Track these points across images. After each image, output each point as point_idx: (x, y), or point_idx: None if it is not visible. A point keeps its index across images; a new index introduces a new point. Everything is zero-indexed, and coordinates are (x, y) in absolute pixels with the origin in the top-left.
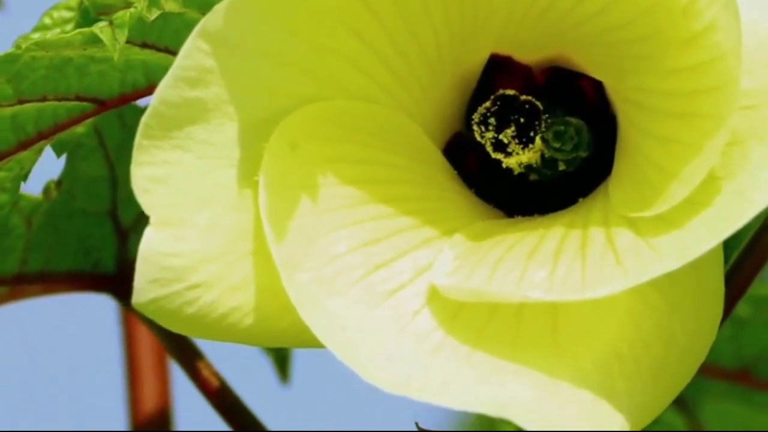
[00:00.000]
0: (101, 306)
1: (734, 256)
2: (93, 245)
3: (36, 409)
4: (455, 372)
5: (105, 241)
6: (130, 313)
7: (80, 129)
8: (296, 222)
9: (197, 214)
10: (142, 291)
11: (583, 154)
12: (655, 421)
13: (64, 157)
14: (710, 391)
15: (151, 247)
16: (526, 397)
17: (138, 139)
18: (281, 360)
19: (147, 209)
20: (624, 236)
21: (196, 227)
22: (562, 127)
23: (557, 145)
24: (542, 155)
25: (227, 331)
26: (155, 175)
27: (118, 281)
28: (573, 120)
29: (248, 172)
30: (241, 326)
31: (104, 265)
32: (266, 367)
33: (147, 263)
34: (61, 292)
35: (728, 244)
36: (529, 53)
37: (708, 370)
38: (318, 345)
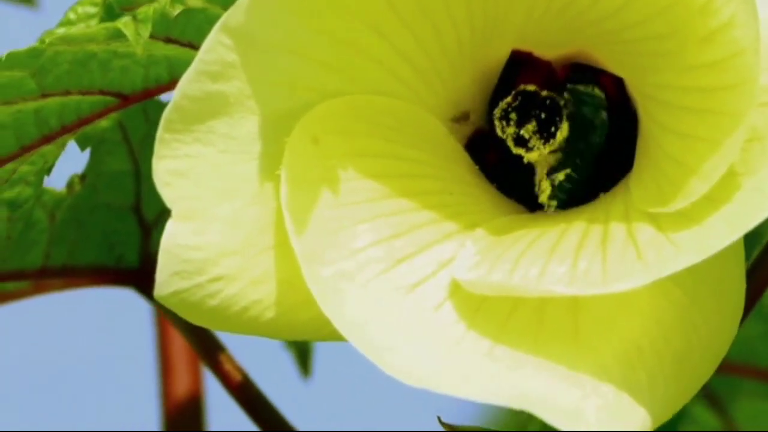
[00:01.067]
0: (135, 301)
1: (756, 251)
2: (117, 240)
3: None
4: (476, 365)
5: (129, 235)
6: (162, 311)
7: (104, 123)
8: (317, 215)
9: (219, 208)
10: (164, 283)
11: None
12: (690, 420)
13: (87, 151)
14: (744, 390)
15: (172, 239)
16: (547, 390)
17: (160, 132)
18: (303, 355)
19: (169, 202)
20: (645, 231)
21: (217, 220)
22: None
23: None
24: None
25: (249, 324)
26: (177, 168)
27: (141, 276)
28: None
29: (270, 166)
30: (262, 319)
31: (128, 259)
32: (288, 361)
33: (169, 256)
34: (84, 287)
35: (749, 240)
36: (549, 49)
37: (742, 369)
38: (339, 338)
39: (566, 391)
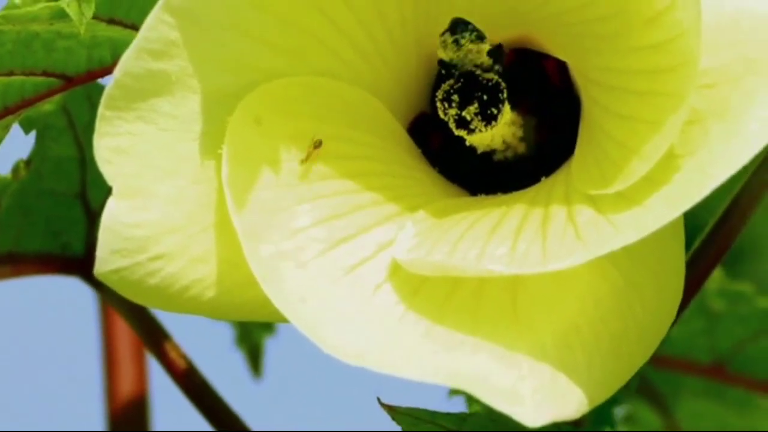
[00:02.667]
0: (79, 290)
1: (696, 242)
2: (62, 227)
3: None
4: (415, 344)
5: (74, 223)
6: (106, 297)
7: (48, 107)
8: (258, 194)
9: (160, 185)
10: (105, 261)
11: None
12: (632, 421)
13: (33, 136)
14: (686, 388)
15: (113, 217)
16: (484, 370)
17: (101, 110)
18: (254, 355)
19: (110, 179)
20: (584, 213)
21: (159, 198)
22: None
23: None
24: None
25: (190, 304)
26: (118, 145)
27: (87, 264)
28: None
29: (212, 145)
30: (203, 298)
31: (73, 247)
32: (240, 361)
33: (109, 233)
34: (30, 275)
35: (690, 231)
36: (494, 33)
37: (683, 365)
38: (280, 318)
39: (503, 372)
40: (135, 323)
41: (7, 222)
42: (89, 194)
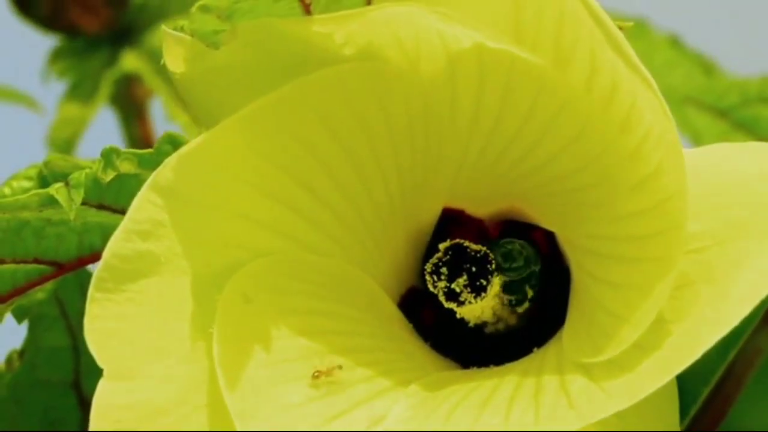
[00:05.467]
0: None
1: (693, 409)
2: (57, 417)
3: None
4: None
5: (69, 412)
6: None
7: (40, 295)
8: (250, 372)
9: (151, 366)
10: None
11: (535, 267)
12: None
13: (25, 326)
14: None
15: (104, 399)
16: None
17: (91, 291)
18: None
19: (101, 362)
20: (577, 381)
21: (150, 379)
22: (509, 247)
23: (508, 265)
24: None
25: None
26: (109, 328)
27: None
28: (516, 241)
29: (202, 324)
30: None
31: None
32: None
33: (101, 417)
34: None
35: (686, 398)
36: (481, 207)
37: None
38: None
39: None
40: None
41: (1, 414)
42: (83, 383)
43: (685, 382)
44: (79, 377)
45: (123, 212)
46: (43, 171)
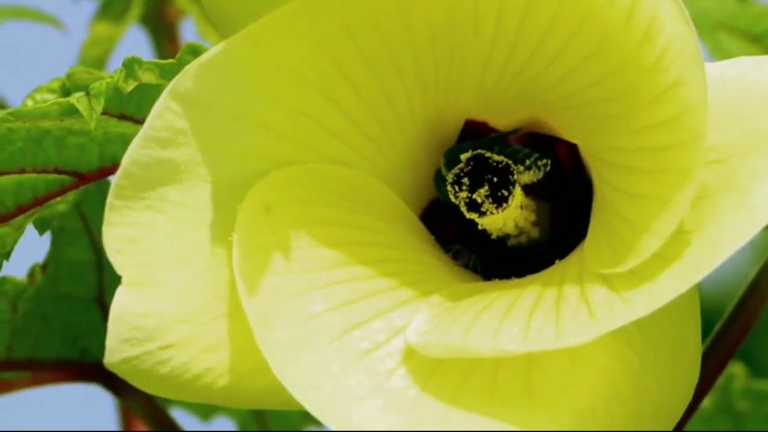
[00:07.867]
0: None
1: (717, 327)
2: (81, 332)
3: None
4: (430, 427)
5: (93, 328)
6: (126, 406)
7: (62, 207)
8: (270, 281)
9: (170, 274)
10: (115, 351)
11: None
12: None
13: (48, 237)
14: None
15: (123, 306)
16: None
17: (110, 199)
18: None
19: (119, 269)
20: (598, 291)
21: (169, 287)
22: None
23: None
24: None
25: (201, 392)
26: (128, 235)
27: (107, 371)
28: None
29: (222, 234)
30: (215, 387)
31: (93, 353)
32: None
33: (119, 323)
34: (49, 383)
35: (709, 317)
36: (504, 118)
37: None
38: (293, 405)
39: None
40: (156, 429)
41: (24, 328)
42: (107, 298)
43: (709, 300)
44: (103, 292)
45: (145, 122)
46: (66, 84)
